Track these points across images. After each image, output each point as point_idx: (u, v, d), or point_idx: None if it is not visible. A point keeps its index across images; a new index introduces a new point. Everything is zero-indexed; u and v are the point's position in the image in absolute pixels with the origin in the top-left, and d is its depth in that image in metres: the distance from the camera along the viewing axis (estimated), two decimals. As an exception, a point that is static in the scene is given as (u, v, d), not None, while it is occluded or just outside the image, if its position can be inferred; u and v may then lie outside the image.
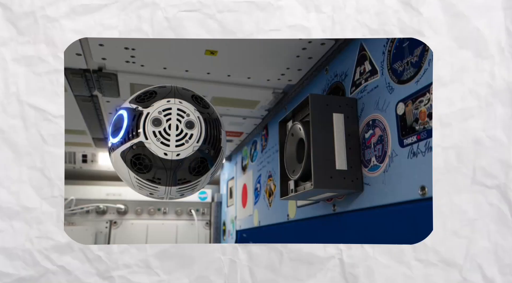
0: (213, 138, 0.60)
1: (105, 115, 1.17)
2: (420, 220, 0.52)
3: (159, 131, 0.57)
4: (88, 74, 0.90)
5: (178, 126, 0.57)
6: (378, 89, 0.64)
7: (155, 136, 0.56)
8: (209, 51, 0.79)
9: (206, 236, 1.92)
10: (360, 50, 0.70)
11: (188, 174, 0.59)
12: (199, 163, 0.59)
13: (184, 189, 0.61)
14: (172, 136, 0.57)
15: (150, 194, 0.62)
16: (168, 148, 0.56)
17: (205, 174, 0.61)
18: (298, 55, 0.81)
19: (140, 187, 0.60)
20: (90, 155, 1.76)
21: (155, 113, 0.57)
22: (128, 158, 0.57)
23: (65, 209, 1.99)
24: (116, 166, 0.61)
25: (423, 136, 0.52)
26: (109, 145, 0.61)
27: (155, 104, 0.58)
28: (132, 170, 0.58)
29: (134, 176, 0.58)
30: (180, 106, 0.59)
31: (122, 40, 0.74)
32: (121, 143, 0.58)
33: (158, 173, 0.57)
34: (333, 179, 0.64)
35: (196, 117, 0.59)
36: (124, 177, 0.61)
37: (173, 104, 0.58)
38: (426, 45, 0.53)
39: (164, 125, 0.57)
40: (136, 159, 0.57)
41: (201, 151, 0.58)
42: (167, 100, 0.59)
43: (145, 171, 0.57)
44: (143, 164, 0.57)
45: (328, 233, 0.77)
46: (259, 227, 1.19)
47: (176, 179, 0.58)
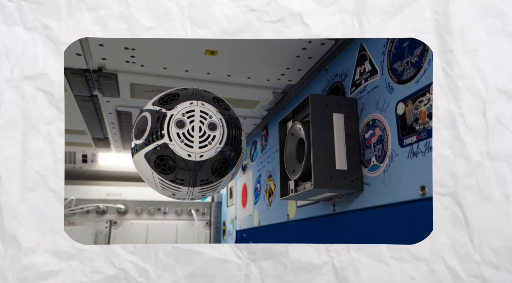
0: (235, 140, 0.61)
1: (105, 115, 1.16)
2: (420, 220, 0.52)
3: (183, 133, 0.57)
4: (88, 74, 0.89)
5: (201, 128, 0.58)
6: (378, 89, 0.63)
7: (179, 138, 0.57)
8: (209, 51, 0.79)
9: (206, 236, 1.91)
10: (360, 50, 0.70)
11: (211, 175, 0.59)
12: (221, 164, 0.60)
13: (206, 189, 0.61)
14: (195, 138, 0.57)
15: (172, 194, 0.62)
16: (191, 149, 0.57)
17: (226, 174, 0.61)
18: (298, 55, 0.81)
19: (163, 187, 0.60)
20: (90, 155, 1.75)
21: (179, 115, 0.58)
22: (152, 159, 0.58)
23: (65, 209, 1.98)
24: (139, 167, 0.61)
25: (423, 136, 0.52)
26: (132, 146, 0.61)
27: (178, 107, 0.58)
28: (156, 171, 0.58)
29: (158, 176, 0.59)
30: (203, 108, 0.59)
31: (122, 41, 0.74)
32: (145, 145, 0.58)
33: (181, 173, 0.58)
34: (333, 179, 0.64)
35: (218, 119, 0.59)
36: (147, 178, 0.61)
37: (196, 106, 0.59)
38: (426, 45, 0.53)
39: (187, 127, 0.57)
40: (160, 160, 0.57)
41: (223, 152, 0.59)
42: (190, 103, 0.59)
43: (168, 172, 0.58)
44: (167, 165, 0.57)
45: (328, 233, 0.77)
46: (259, 227, 1.18)
47: (199, 180, 0.59)
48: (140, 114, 0.61)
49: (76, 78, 0.90)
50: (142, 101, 1.05)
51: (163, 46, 0.76)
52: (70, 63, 0.84)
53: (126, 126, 1.26)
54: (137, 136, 0.60)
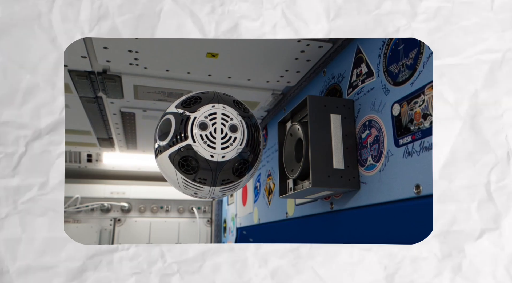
0: (254, 141, 0.62)
1: (109, 116, 1.17)
2: (414, 218, 0.53)
3: (206, 134, 0.58)
4: (93, 76, 0.90)
5: (222, 130, 0.59)
6: (374, 90, 0.64)
7: (202, 140, 0.58)
8: (210, 54, 0.79)
9: (207, 233, 1.92)
10: (356, 53, 0.71)
11: (232, 175, 0.61)
12: (241, 165, 0.61)
13: (226, 189, 0.63)
14: (217, 140, 0.59)
15: (194, 193, 0.63)
16: (214, 150, 0.58)
17: (246, 174, 0.63)
18: (297, 58, 0.81)
19: (185, 186, 0.62)
20: (94, 155, 1.76)
21: (202, 118, 0.59)
22: (176, 160, 0.59)
23: (70, 207, 1.97)
24: (163, 167, 0.62)
25: (418, 136, 0.53)
26: (156, 147, 0.63)
27: (201, 109, 0.60)
28: (180, 171, 0.60)
29: (181, 176, 0.60)
30: (224, 111, 0.60)
31: (126, 44, 0.74)
32: (169, 146, 0.59)
33: (203, 173, 0.59)
34: (330, 177, 0.64)
35: (239, 121, 0.61)
36: (170, 177, 0.63)
37: (218, 109, 0.60)
38: (420, 48, 0.53)
39: (210, 129, 0.59)
40: (184, 160, 0.59)
41: (243, 153, 0.60)
42: (211, 106, 0.60)
43: (192, 172, 0.59)
44: (190, 165, 0.59)
45: (326, 230, 0.77)
46: (259, 224, 1.19)
47: (220, 180, 0.60)
48: (164, 117, 0.63)
49: (81, 80, 0.90)
50: (145, 102, 1.06)
51: (166, 49, 0.77)
52: (75, 66, 0.85)
53: (129, 126, 1.26)
54: (161, 138, 0.61)
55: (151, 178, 1.94)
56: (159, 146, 0.61)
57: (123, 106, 1.09)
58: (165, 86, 0.96)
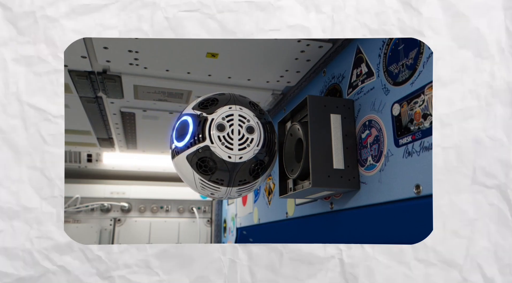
0: (270, 142, 0.62)
1: (109, 116, 1.17)
2: (414, 218, 0.52)
3: (223, 136, 0.59)
4: (93, 76, 0.89)
5: (240, 131, 0.60)
6: (374, 90, 0.64)
7: (219, 141, 0.58)
8: (210, 54, 0.79)
9: (207, 233, 1.91)
10: (356, 53, 0.70)
11: (248, 176, 0.61)
12: (258, 165, 0.61)
13: (243, 189, 0.63)
14: (235, 141, 0.59)
15: (211, 194, 0.63)
16: (232, 151, 0.59)
17: (262, 175, 0.63)
18: (297, 58, 0.81)
19: (202, 187, 0.62)
20: (94, 155, 1.76)
21: (219, 119, 0.59)
22: (193, 161, 0.59)
23: (70, 207, 1.96)
24: (180, 168, 0.62)
25: (418, 136, 0.52)
26: (173, 148, 0.62)
27: (218, 111, 0.60)
28: (197, 172, 0.60)
29: (199, 177, 0.60)
30: (241, 113, 0.61)
31: (126, 44, 0.74)
32: (187, 147, 0.59)
33: (221, 174, 0.59)
34: (330, 177, 0.64)
35: (255, 122, 0.61)
36: (187, 178, 0.62)
37: (235, 110, 0.61)
38: (420, 48, 0.53)
39: (227, 130, 0.59)
40: (202, 161, 0.59)
41: (260, 154, 0.61)
42: (229, 107, 0.61)
43: (209, 173, 0.59)
44: (208, 166, 0.59)
45: (326, 230, 0.77)
46: (259, 224, 1.19)
47: (237, 180, 0.61)
48: (180, 118, 0.63)
49: (81, 80, 0.90)
50: (145, 102, 1.05)
51: (166, 49, 0.77)
52: (75, 66, 0.84)
53: (129, 126, 1.26)
54: (178, 139, 0.61)
55: (151, 178, 1.94)
56: (176, 147, 0.61)
57: (123, 106, 1.09)
58: (165, 86, 0.95)
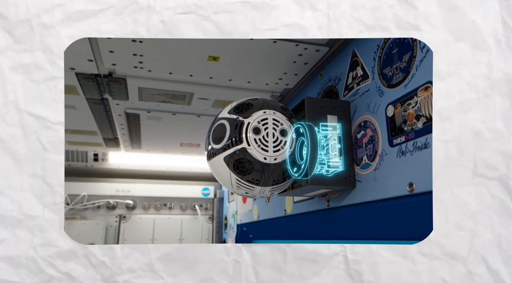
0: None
1: (115, 117, 1.17)
2: (408, 214, 0.52)
3: (259, 138, 0.60)
4: (99, 78, 0.90)
5: (274, 134, 0.61)
6: (369, 92, 0.64)
7: (256, 143, 0.60)
8: (212, 57, 0.79)
9: (209, 229, 1.92)
10: (352, 56, 0.71)
11: (281, 176, 0.63)
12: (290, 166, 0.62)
13: (275, 188, 0.64)
14: (270, 143, 0.61)
15: (245, 192, 0.64)
16: (267, 153, 0.60)
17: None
18: (295, 61, 0.81)
19: (238, 187, 0.63)
20: (101, 154, 1.76)
21: (255, 123, 0.61)
22: (231, 162, 0.61)
23: (77, 204, 1.95)
24: (217, 169, 0.63)
25: (411, 136, 0.53)
26: (210, 150, 0.64)
27: (254, 115, 0.61)
28: (234, 172, 0.61)
29: (235, 177, 0.61)
30: (275, 117, 0.62)
31: (131, 47, 0.74)
32: (224, 149, 0.61)
33: (256, 174, 0.61)
34: (327, 176, 0.64)
35: (288, 125, 0.63)
36: (223, 178, 0.64)
37: (269, 114, 0.62)
38: (413, 52, 0.53)
39: (263, 133, 0.61)
40: (239, 162, 0.60)
41: (292, 155, 0.62)
42: (263, 111, 0.62)
43: (246, 173, 0.61)
44: (245, 167, 0.60)
45: (323, 227, 0.77)
46: (259, 221, 1.19)
47: (271, 180, 0.62)
48: (217, 122, 0.64)
49: (88, 82, 0.90)
50: (149, 104, 1.06)
51: (169, 52, 0.77)
52: (82, 69, 0.84)
53: (134, 127, 1.26)
54: (215, 142, 0.62)
55: (155, 176, 1.94)
56: (213, 148, 0.62)
57: (128, 107, 1.09)
58: (168, 88, 0.96)
